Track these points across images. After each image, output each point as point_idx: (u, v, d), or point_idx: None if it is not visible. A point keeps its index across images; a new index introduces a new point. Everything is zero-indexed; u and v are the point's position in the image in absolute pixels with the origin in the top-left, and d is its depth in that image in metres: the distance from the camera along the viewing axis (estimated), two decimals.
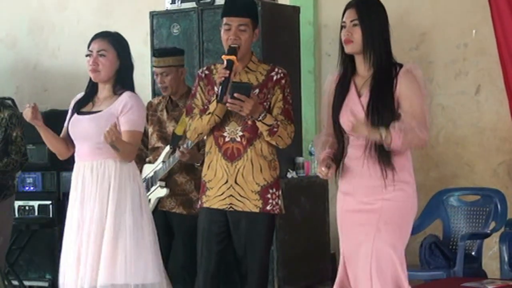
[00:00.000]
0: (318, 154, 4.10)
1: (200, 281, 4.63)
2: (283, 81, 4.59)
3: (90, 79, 4.68)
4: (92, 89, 4.72)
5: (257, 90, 4.54)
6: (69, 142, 4.69)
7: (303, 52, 6.34)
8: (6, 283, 6.55)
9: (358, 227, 3.95)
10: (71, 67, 7.68)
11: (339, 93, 4.02)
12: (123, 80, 4.63)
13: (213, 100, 4.50)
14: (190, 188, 5.34)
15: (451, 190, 6.05)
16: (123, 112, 4.56)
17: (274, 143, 4.56)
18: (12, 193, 5.65)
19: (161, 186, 5.38)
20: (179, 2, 6.21)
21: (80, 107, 4.69)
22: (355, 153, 3.97)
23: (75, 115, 4.67)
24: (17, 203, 6.96)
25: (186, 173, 5.34)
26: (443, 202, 5.96)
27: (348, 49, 3.97)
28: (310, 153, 6.13)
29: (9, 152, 5.51)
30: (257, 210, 4.54)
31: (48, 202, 7.06)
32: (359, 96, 3.96)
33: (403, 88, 3.90)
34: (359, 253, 3.92)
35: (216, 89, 4.51)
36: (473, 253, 5.71)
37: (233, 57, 4.44)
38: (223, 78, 4.39)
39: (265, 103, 4.53)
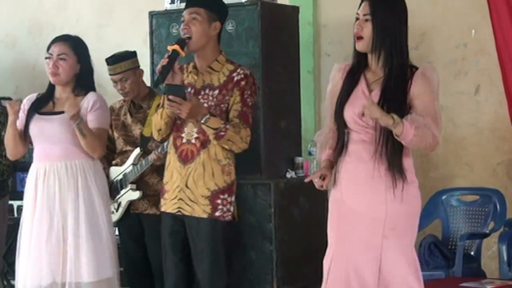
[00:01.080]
0: (319, 155, 3.96)
1: None
2: (242, 83, 4.47)
3: (50, 81, 4.74)
4: (50, 91, 4.81)
5: (216, 91, 4.46)
6: (26, 142, 4.79)
7: (302, 52, 6.33)
8: (5, 283, 6.56)
9: (359, 233, 3.82)
10: None
11: (347, 84, 3.86)
12: (83, 83, 4.74)
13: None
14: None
15: (450, 190, 6.06)
16: (91, 110, 4.68)
17: (226, 147, 4.42)
18: (6, 193, 5.64)
19: (132, 189, 5.36)
20: (178, 2, 6.19)
21: (38, 108, 4.75)
22: (356, 150, 3.81)
23: (36, 115, 4.73)
24: (16, 203, 6.95)
25: (157, 174, 5.33)
26: (442, 202, 5.96)
27: (358, 47, 3.83)
28: (310, 153, 6.12)
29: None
30: (205, 216, 4.43)
31: None
32: (370, 91, 3.81)
33: (416, 89, 3.75)
34: (362, 260, 3.80)
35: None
36: (472, 253, 5.71)
37: (176, 47, 4.34)
38: (159, 67, 4.31)
39: (222, 105, 4.43)
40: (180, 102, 4.27)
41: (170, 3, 6.26)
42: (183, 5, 6.23)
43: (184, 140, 4.49)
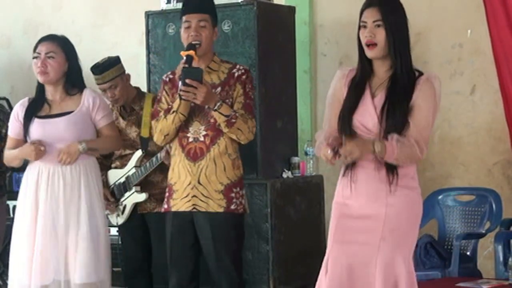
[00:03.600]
0: (318, 149, 3.89)
1: None
2: (243, 77, 4.58)
3: (38, 82, 4.74)
4: (41, 93, 4.81)
5: (219, 89, 4.53)
6: None
7: (299, 52, 6.34)
8: (1, 283, 6.55)
9: (357, 234, 3.81)
10: None
11: (353, 93, 3.84)
12: (73, 81, 4.74)
13: (177, 98, 4.48)
14: (166, 185, 5.35)
15: (446, 190, 6.06)
16: (95, 109, 4.72)
17: (234, 137, 4.50)
18: (4, 193, 5.64)
19: (137, 191, 5.36)
20: (175, 1, 6.19)
21: (34, 112, 4.74)
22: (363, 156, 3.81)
23: (36, 119, 4.71)
24: (12, 203, 6.93)
25: (160, 172, 5.34)
26: (438, 202, 5.97)
27: (371, 54, 3.79)
28: (306, 153, 6.13)
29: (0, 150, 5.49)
30: (221, 210, 4.50)
31: None
32: (373, 97, 3.81)
33: (418, 97, 3.77)
34: (360, 263, 3.79)
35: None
36: (468, 253, 5.72)
37: (191, 52, 4.41)
38: (180, 71, 4.38)
39: (227, 100, 4.50)
40: (197, 86, 4.31)
41: (166, 3, 6.26)
42: (179, 5, 6.24)
43: (190, 139, 4.56)
